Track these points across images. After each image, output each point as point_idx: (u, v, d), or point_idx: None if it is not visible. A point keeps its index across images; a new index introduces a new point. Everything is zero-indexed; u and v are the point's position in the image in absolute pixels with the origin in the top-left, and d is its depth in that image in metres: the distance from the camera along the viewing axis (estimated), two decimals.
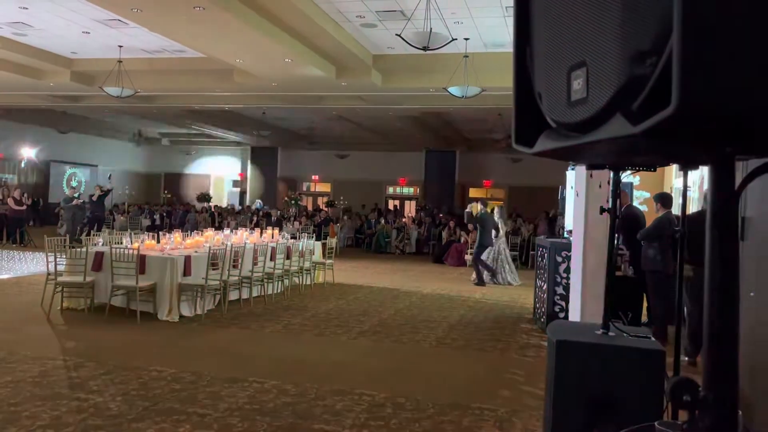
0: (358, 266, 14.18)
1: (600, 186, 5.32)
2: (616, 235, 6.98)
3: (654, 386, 2.70)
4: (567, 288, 6.93)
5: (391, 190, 27.62)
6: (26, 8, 10.78)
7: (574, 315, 6.16)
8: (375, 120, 19.84)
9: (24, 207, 15.88)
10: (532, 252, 14.26)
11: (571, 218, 6.74)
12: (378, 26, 11.09)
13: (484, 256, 11.80)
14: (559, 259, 7.22)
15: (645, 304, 7.14)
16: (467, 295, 10.25)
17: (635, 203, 8.57)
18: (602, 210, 3.17)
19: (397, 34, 9.27)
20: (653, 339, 3.04)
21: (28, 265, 11.53)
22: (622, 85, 0.72)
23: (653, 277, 6.66)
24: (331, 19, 10.73)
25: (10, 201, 15.54)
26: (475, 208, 12.31)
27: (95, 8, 10.08)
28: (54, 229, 17.00)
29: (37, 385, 4.52)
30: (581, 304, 5.99)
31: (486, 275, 11.73)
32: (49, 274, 7.25)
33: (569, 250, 6.60)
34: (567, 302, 6.87)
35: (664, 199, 6.77)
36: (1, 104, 18.63)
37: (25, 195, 16.56)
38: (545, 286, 7.42)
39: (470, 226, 13.80)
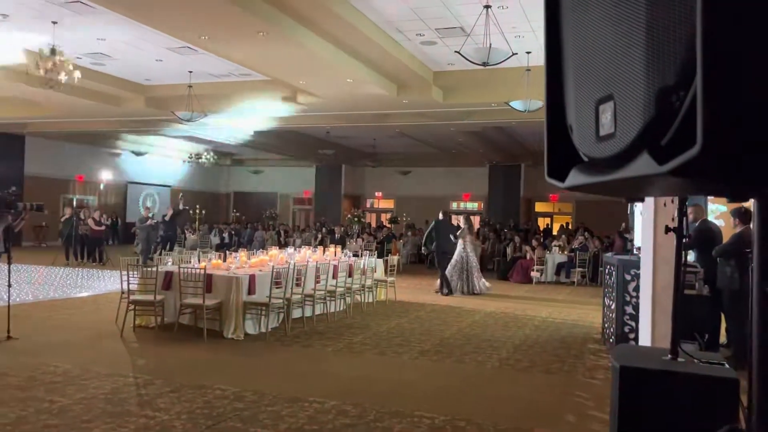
0: (421, 283, 14.11)
1: (665, 204, 5.09)
2: (690, 251, 6.66)
3: (726, 418, 2.53)
4: (637, 307, 6.64)
5: (454, 205, 27.45)
6: (104, 39, 11.42)
7: (645, 336, 5.90)
8: (437, 136, 19.82)
9: (103, 227, 16.69)
10: (601, 268, 13.81)
11: (640, 234, 6.48)
12: (438, 43, 11.11)
13: (451, 267, 12.07)
14: (628, 277, 6.94)
15: (724, 325, 6.77)
16: (533, 313, 10.01)
17: (710, 217, 8.16)
18: (667, 229, 3.02)
19: (456, 51, 9.25)
20: (727, 366, 2.85)
21: (105, 283, 12.08)
22: (648, 121, 0.67)
23: (730, 296, 6.30)
24: (391, 38, 10.83)
25: (90, 222, 16.38)
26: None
27: (167, 37, 10.57)
28: (131, 248, 17.77)
29: (108, 402, 4.70)
30: (651, 325, 5.73)
31: (445, 289, 11.96)
32: (122, 292, 7.55)
33: (638, 268, 6.34)
34: (637, 322, 6.58)
35: (742, 215, 6.42)
36: (82, 130, 19.73)
37: (104, 216, 17.41)
38: (613, 306, 7.15)
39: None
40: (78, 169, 23.24)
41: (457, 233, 12.37)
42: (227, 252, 9.91)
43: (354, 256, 10.73)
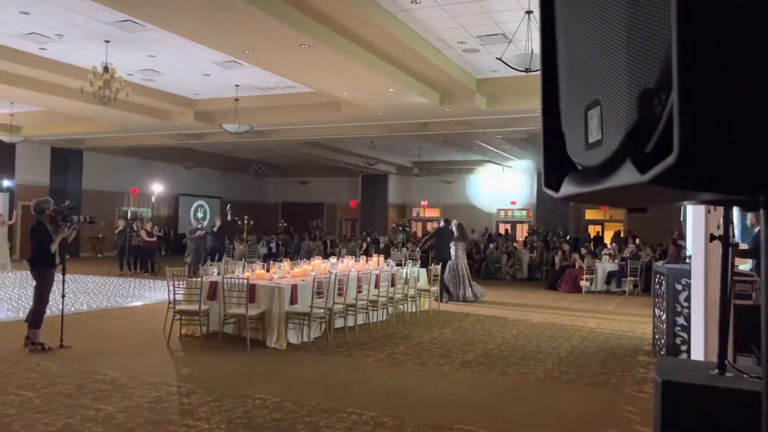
0: None
1: (709, 212, 4.87)
2: (749, 259, 6.35)
3: None
4: (688, 318, 6.38)
5: (502, 214, 27.13)
6: (154, 56, 11.78)
7: (697, 348, 5.66)
8: (482, 144, 19.63)
9: (154, 238, 17.17)
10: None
11: (691, 242, 6.23)
12: (480, 51, 11.02)
13: (446, 274, 12.07)
14: (679, 287, 6.68)
15: None
16: (581, 324, 9.75)
17: None
18: (712, 237, 2.88)
19: (497, 58, 9.15)
20: None
21: (155, 293, 12.39)
22: (631, 126, 0.62)
23: None
24: (432, 47, 10.81)
25: (143, 233, 16.88)
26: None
27: (213, 52, 10.83)
28: (182, 259, 18.21)
29: (151, 411, 4.79)
30: (704, 337, 5.50)
31: (444, 296, 11.86)
32: (169, 302, 7.72)
33: (689, 277, 6.09)
34: (689, 334, 6.32)
35: None
36: (134, 144, 20.40)
37: (156, 227, 17.90)
38: (664, 316, 6.89)
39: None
40: (132, 182, 24.01)
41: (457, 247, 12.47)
42: (273, 262, 10.02)
43: (398, 265, 10.69)
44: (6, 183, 19.55)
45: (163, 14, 8.38)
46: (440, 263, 11.70)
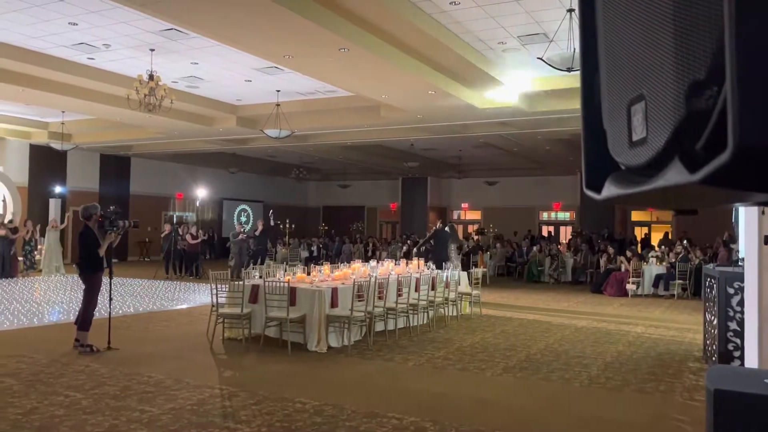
0: (508, 296, 13.77)
1: (763, 212, 4.65)
2: None
3: None
4: (742, 323, 6.14)
5: (545, 215, 26.73)
6: (196, 63, 12.00)
7: (751, 355, 5.43)
8: (523, 145, 19.39)
9: (198, 241, 17.48)
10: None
11: (744, 244, 5.99)
12: (521, 50, 10.86)
13: None
14: (731, 291, 6.44)
15: None
16: (627, 328, 9.49)
17: None
18: (766, 240, 2.74)
19: (539, 58, 9.00)
20: None
21: (200, 296, 12.60)
22: (679, 122, 0.57)
23: None
24: (472, 48, 10.71)
25: (188, 237, 17.22)
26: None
27: (254, 58, 10.97)
28: (226, 262, 18.50)
29: (194, 413, 4.85)
30: (758, 343, 5.28)
31: None
32: (213, 305, 7.82)
33: (742, 281, 5.86)
34: (742, 339, 6.07)
35: None
36: (179, 150, 20.85)
37: (200, 231, 18.24)
38: (715, 321, 6.64)
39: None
40: (178, 187, 24.55)
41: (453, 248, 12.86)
42: (313, 265, 10.08)
43: (438, 268, 10.61)
44: (58, 189, 20.23)
45: (205, 22, 8.52)
46: (437, 264, 11.81)
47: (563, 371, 6.58)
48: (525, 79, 12.59)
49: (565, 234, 25.48)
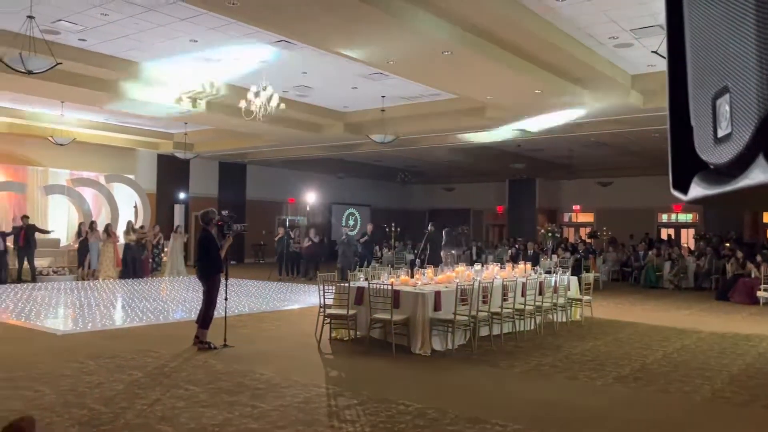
0: (623, 303, 13.12)
1: None
2: None
3: None
4: None
5: (664, 217, 25.21)
6: (305, 72, 12.45)
7: None
8: (639, 143, 18.40)
9: (310, 243, 18.08)
10: None
11: None
12: (634, 45, 10.33)
13: None
14: None
15: None
16: (757, 339, 8.74)
17: None
18: None
19: (653, 51, 8.53)
20: None
21: (309, 297, 13.01)
22: (764, 117, 0.51)
23: None
24: (581, 44, 10.32)
25: (305, 240, 17.90)
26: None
27: (360, 65, 11.22)
28: (335, 265, 19.00)
29: (301, 411, 5.01)
30: None
31: None
32: (320, 306, 8.06)
33: None
34: None
35: None
36: (291, 156, 21.68)
37: (317, 235, 18.91)
38: None
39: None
40: (290, 192, 25.53)
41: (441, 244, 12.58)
42: (417, 268, 10.10)
43: (546, 273, 10.30)
44: (182, 195, 21.70)
45: (312, 32, 8.82)
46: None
47: (682, 383, 6.17)
48: (639, 74, 11.96)
49: (687, 237, 23.89)
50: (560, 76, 11.42)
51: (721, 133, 0.61)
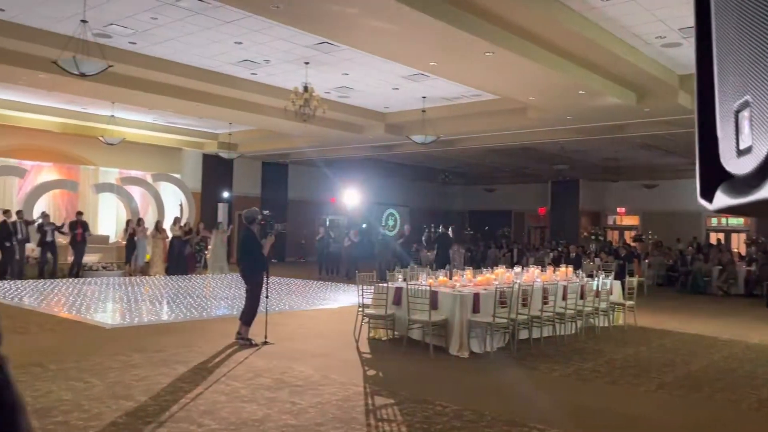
0: (668, 308, 12.81)
1: None
2: None
3: None
4: None
5: (714, 221, 24.49)
6: (347, 74, 12.56)
7: None
8: (687, 145, 17.92)
9: (349, 244, 18.23)
10: None
11: None
12: (683, 44, 10.10)
13: None
14: None
15: None
16: None
17: None
18: None
19: None
20: None
21: (348, 296, 13.08)
22: None
23: None
24: (627, 44, 10.13)
25: (345, 240, 18.05)
26: None
27: (401, 67, 11.27)
28: (374, 265, 19.10)
29: (339, 409, 5.08)
30: None
31: None
32: (359, 306, 8.13)
33: None
34: None
35: None
36: (331, 156, 21.87)
37: (357, 235, 19.04)
38: None
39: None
40: (331, 192, 25.75)
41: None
42: (456, 270, 10.08)
43: (588, 276, 10.14)
44: (225, 194, 22.13)
45: (355, 35, 8.91)
46: (440, 265, 12.59)
47: (729, 391, 6.01)
48: (688, 74, 11.67)
49: (738, 242, 23.15)
50: (605, 76, 11.24)
51: (742, 146, 0.62)
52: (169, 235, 17.42)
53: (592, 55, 10.17)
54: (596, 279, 9.45)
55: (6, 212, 14.77)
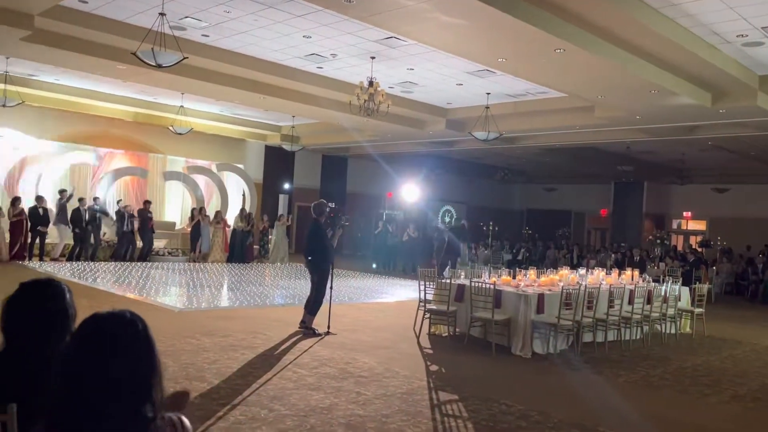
0: (737, 318, 12.32)
1: None
2: None
3: None
4: None
5: None
6: (412, 69, 12.55)
7: None
8: (762, 148, 17.14)
9: (407, 238, 18.27)
10: None
11: None
12: (765, 44, 9.66)
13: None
14: None
15: None
16: None
17: None
18: None
19: None
20: None
21: (408, 291, 13.11)
22: None
23: None
24: (704, 42, 9.75)
25: (404, 235, 18.13)
26: None
27: (466, 62, 11.19)
28: (430, 261, 19.08)
29: (404, 402, 5.12)
30: None
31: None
32: (420, 301, 8.15)
33: None
34: None
35: None
36: (390, 152, 21.92)
37: (416, 230, 19.09)
38: None
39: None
40: (388, 186, 25.83)
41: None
42: (517, 269, 9.98)
43: (654, 281, 9.85)
44: (286, 186, 22.51)
45: (425, 30, 8.88)
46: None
47: None
48: None
49: None
50: (679, 75, 10.86)
51: None
52: (231, 225, 17.86)
53: (667, 53, 9.83)
54: (664, 284, 9.17)
55: (81, 200, 15.49)
